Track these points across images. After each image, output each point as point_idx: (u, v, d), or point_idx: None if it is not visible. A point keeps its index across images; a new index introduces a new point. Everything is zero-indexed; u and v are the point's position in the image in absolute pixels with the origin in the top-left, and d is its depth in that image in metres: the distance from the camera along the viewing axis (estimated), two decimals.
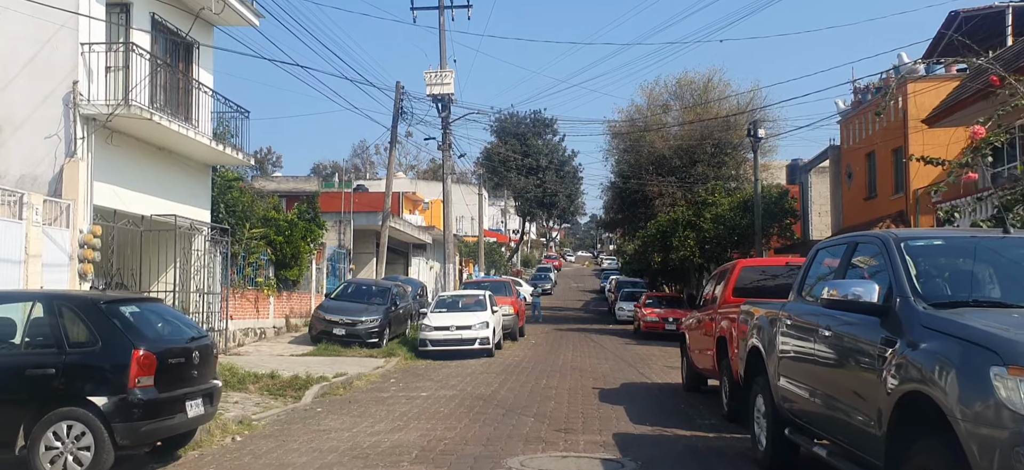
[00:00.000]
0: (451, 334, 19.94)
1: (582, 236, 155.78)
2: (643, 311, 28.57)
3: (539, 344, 24.93)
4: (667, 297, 31.03)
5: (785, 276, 11.15)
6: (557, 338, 27.38)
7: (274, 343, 21.57)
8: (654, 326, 27.70)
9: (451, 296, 23.07)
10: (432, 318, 20.64)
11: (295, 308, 24.29)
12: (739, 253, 29.58)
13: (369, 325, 20.89)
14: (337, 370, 16.05)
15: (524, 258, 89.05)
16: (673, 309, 28.59)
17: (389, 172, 29.55)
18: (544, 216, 46.78)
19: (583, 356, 20.94)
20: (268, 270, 22.49)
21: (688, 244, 28.71)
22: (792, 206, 29.25)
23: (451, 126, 29.63)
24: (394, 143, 29.27)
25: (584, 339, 27.23)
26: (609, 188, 39.94)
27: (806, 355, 6.21)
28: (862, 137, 24.80)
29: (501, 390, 13.65)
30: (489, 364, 18.64)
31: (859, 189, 25.02)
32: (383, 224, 29.51)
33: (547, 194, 45.40)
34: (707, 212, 29.40)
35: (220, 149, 18.00)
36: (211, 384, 8.08)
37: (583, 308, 49.64)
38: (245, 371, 14.09)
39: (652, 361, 20.05)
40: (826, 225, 30.14)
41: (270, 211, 22.89)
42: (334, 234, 30.47)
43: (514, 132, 46.32)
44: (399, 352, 20.06)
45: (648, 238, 31.71)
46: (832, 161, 26.82)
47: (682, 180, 34.73)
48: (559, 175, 46.25)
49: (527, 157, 45.56)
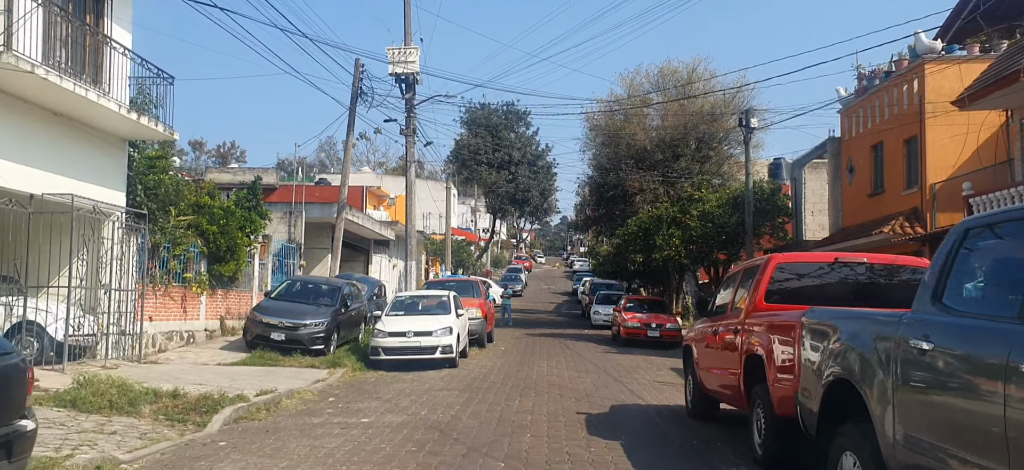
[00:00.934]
0: (408, 341, 17.21)
1: (552, 238, 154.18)
2: (623, 316, 26.07)
3: (509, 352, 22.28)
4: (649, 300, 28.57)
5: (835, 275, 8.61)
6: (529, 345, 24.75)
7: (203, 349, 18.64)
8: (635, 333, 25.23)
9: (410, 297, 20.32)
10: (386, 322, 17.88)
11: (232, 308, 21.36)
12: (727, 254, 27.20)
13: (313, 329, 18.09)
14: (265, 385, 13.24)
15: (494, 259, 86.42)
16: (656, 314, 26.16)
17: (346, 158, 26.70)
18: (516, 213, 44.12)
19: (560, 367, 18.32)
20: (200, 264, 19.55)
21: (673, 243, 26.28)
22: (785, 203, 26.94)
23: (416, 110, 26.87)
24: (352, 127, 26.45)
25: (559, 346, 24.63)
26: (586, 183, 37.39)
27: (980, 410, 3.62)
28: (867, 127, 22.53)
29: (463, 415, 10.96)
30: (451, 377, 15.93)
31: (863, 185, 22.74)
32: (338, 216, 26.66)
33: (519, 189, 42.78)
34: (693, 209, 26.99)
35: (133, 118, 15.08)
36: (11, 428, 5.28)
37: (555, 311, 47.12)
38: (142, 388, 11.23)
39: (638, 374, 17.49)
40: (820, 225, 27.91)
41: (203, 197, 19.94)
42: (283, 227, 27.54)
43: (485, 124, 43.66)
44: (347, 361, 17.28)
45: (629, 236, 29.24)
46: (831, 154, 24.57)
47: (665, 175, 32.31)
48: (532, 170, 43.67)
49: (499, 150, 42.92)
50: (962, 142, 18.73)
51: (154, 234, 17.56)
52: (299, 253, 27.13)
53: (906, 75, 20.13)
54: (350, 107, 26.51)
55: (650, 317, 25.67)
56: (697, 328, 10.98)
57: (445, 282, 25.64)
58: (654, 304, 27.81)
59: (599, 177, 35.28)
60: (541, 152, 44.82)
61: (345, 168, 26.75)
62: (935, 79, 19.03)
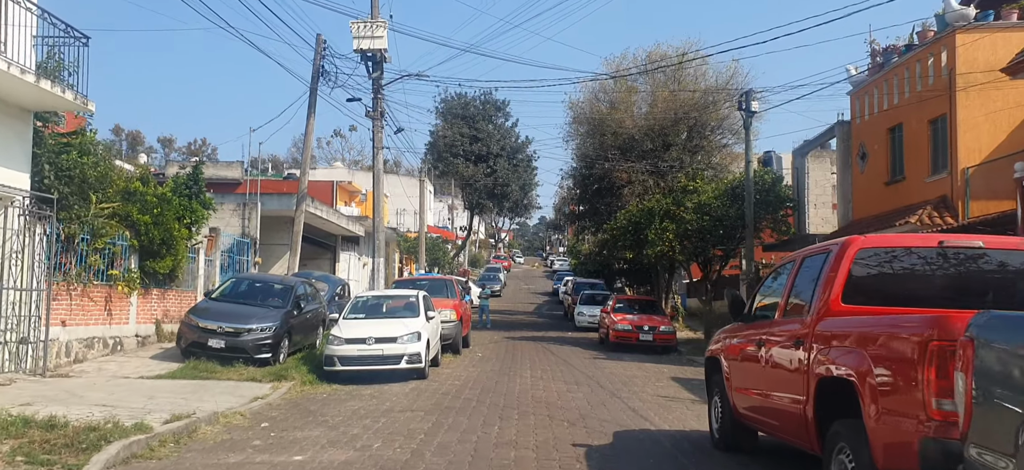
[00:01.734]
0: (368, 349, 14.70)
1: (531, 238, 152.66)
2: (612, 317, 23.72)
3: (488, 359, 19.84)
4: (639, 301, 26.24)
5: (936, 264, 6.24)
6: (510, 350, 22.33)
7: (130, 359, 16.01)
8: (626, 336, 22.89)
9: (373, 297, 17.78)
10: (343, 327, 15.35)
11: (172, 311, 18.72)
12: (724, 249, 24.95)
13: (259, 335, 15.54)
14: (186, 406, 10.72)
15: (472, 258, 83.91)
16: (648, 315, 23.84)
17: (307, 143, 24.10)
18: (495, 209, 41.67)
19: (546, 378, 15.91)
20: (129, 260, 16.90)
21: (666, 238, 23.96)
22: (788, 194, 24.73)
23: (384, 91, 24.33)
24: (313, 108, 23.85)
25: (542, 352, 22.23)
26: (569, 175, 35.01)
27: None
28: (882, 108, 20.37)
29: (428, 450, 8.51)
30: (419, 392, 13.47)
31: (878, 172, 20.57)
32: (298, 207, 24.06)
33: (498, 184, 40.34)
34: (688, 201, 24.70)
35: (35, 83, 12.47)
36: None
37: (536, 312, 44.72)
38: (9, 417, 8.67)
39: (636, 386, 15.13)
40: (824, 218, 25.76)
41: (133, 182, 17.28)
42: (237, 220, 24.89)
43: (462, 114, 41.18)
44: (297, 373, 14.74)
45: (617, 231, 26.88)
46: (840, 140, 22.42)
47: (655, 166, 30.03)
48: (512, 163, 41.27)
49: (476, 142, 40.47)
50: (998, 121, 16.59)
51: (69, 223, 14.92)
52: (254, 249, 24.49)
53: (932, 46, 17.96)
54: (311, 86, 23.96)
55: (642, 319, 23.34)
56: (726, 336, 8.59)
57: (416, 281, 23.17)
58: (645, 305, 25.51)
59: (583, 168, 32.92)
60: (521, 144, 42.43)
61: (305, 154, 24.16)
62: (967, 50, 16.86)
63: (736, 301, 8.17)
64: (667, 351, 22.91)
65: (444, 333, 18.99)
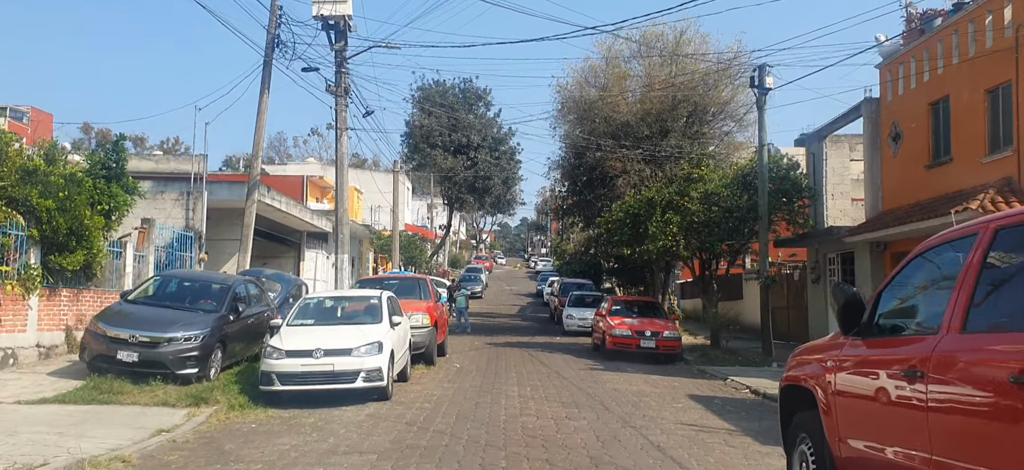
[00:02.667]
0: (315, 364, 11.71)
1: (513, 239, 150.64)
2: (609, 322, 20.86)
3: (467, 370, 16.92)
4: (639, 303, 23.38)
5: None
6: (492, 359, 19.43)
7: (23, 375, 12.90)
8: (625, 343, 20.05)
9: (327, 299, 14.72)
10: (285, 336, 12.34)
11: (87, 315, 15.57)
12: (734, 244, 22.19)
13: (183, 346, 12.53)
14: (47, 451, 7.76)
15: (452, 258, 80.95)
16: (649, 319, 21.02)
17: (259, 124, 20.99)
18: (475, 204, 38.71)
19: (538, 397, 13.01)
20: (27, 253, 13.80)
21: (669, 231, 21.12)
22: (805, 182, 22.00)
23: (349, 64, 21.31)
24: (267, 82, 20.80)
25: (529, 361, 19.35)
26: (557, 165, 32.13)
27: None
28: (922, 81, 17.68)
29: None
30: (377, 420, 10.53)
31: (915, 154, 17.88)
32: (249, 197, 21.00)
33: (479, 177, 37.41)
34: (693, 190, 21.89)
35: None
36: None
37: (520, 315, 41.83)
38: None
39: (650, 409, 12.25)
40: (842, 210, 23.06)
41: (36, 160, 14.18)
42: (180, 210, 21.79)
43: (440, 103, 38.20)
44: (226, 394, 11.75)
45: (614, 224, 23.99)
46: (867, 120, 19.72)
47: (652, 155, 27.24)
48: (494, 155, 38.33)
49: (456, 132, 37.50)
50: None
51: None
52: (199, 244, 21.38)
53: (990, 2, 15.25)
54: (265, 57, 20.94)
55: (642, 323, 20.51)
56: (825, 358, 5.68)
57: (383, 280, 20.19)
58: (645, 307, 22.67)
59: (572, 158, 30.04)
60: (503, 135, 39.50)
61: (257, 136, 21.07)
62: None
63: (852, 304, 5.23)
64: (671, 360, 20.12)
65: (415, 341, 16.08)
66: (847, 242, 19.34)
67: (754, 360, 19.79)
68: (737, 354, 20.63)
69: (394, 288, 18.03)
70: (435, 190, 49.39)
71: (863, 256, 19.62)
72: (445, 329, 20.00)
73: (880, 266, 19.07)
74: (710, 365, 19.10)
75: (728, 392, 14.89)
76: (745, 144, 29.49)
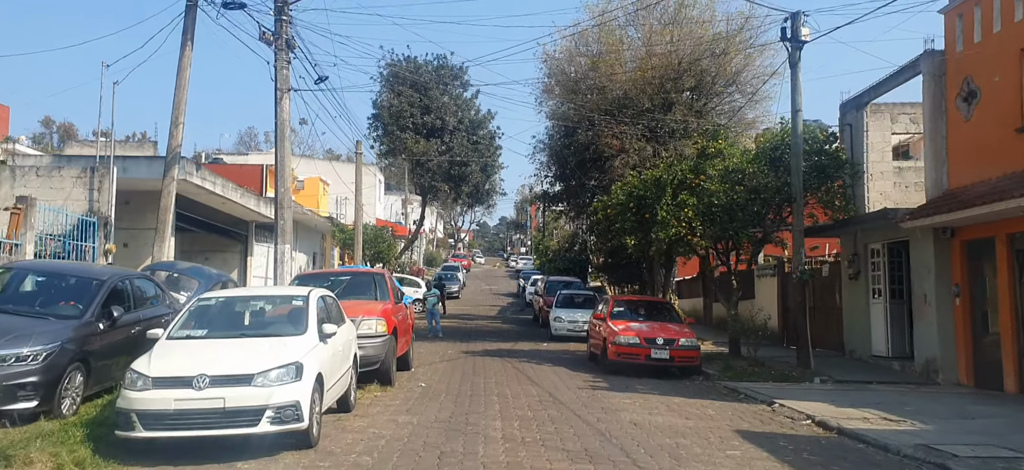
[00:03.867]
0: (196, 398, 7.74)
1: (491, 239, 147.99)
2: (610, 326, 17.02)
3: (433, 393, 13.03)
4: (646, 303, 19.54)
5: None
6: (467, 374, 15.59)
7: None
8: (632, 353, 16.26)
9: (233, 299, 10.60)
10: (158, 356, 8.33)
11: None
12: (763, 231, 18.52)
13: (14, 368, 8.61)
14: None
15: (428, 257, 76.99)
16: (661, 323, 17.29)
17: (181, 81, 16.90)
18: (450, 193, 34.76)
19: (533, 443, 9.09)
20: None
21: (684, 216, 17.33)
22: (846, 158, 18.33)
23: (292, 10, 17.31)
24: (189, 34, 16.80)
25: (515, 376, 15.51)
26: (543, 147, 28.19)
27: None
28: (1009, 20, 14.03)
29: None
30: None
31: (1000, 115, 14.23)
32: (167, 173, 16.96)
33: (455, 163, 33.51)
34: (711, 167, 18.15)
35: None
36: None
37: (500, 316, 37.97)
38: None
39: (696, 460, 8.41)
40: (882, 192, 19.43)
41: None
42: (81, 191, 17.69)
43: (411, 81, 34.24)
44: (66, 443, 7.80)
45: (614, 209, 20.10)
46: (928, 78, 16.07)
47: (653, 131, 23.52)
48: (471, 141, 34.42)
49: (428, 113, 33.56)
50: None
51: None
52: (104, 231, 17.28)
53: None
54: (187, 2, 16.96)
55: (653, 329, 16.70)
56: None
57: (328, 275, 16.22)
58: (654, 308, 18.84)
59: (560, 136, 26.16)
60: (482, 118, 35.59)
61: (178, 95, 17.00)
62: None
63: None
64: (688, 374, 16.36)
65: (365, 355, 12.22)
66: (905, 227, 15.65)
67: (789, 374, 16.07)
68: (766, 366, 16.90)
69: (340, 286, 14.13)
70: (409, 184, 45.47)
71: (923, 245, 15.96)
72: (408, 336, 16.08)
73: (946, 257, 15.44)
74: (738, 381, 15.36)
75: (783, 424, 11.12)
76: (756, 121, 25.88)
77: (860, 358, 18.57)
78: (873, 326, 18.21)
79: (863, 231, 18.05)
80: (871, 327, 18.25)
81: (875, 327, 18.13)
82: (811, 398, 13.13)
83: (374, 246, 33.09)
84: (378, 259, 34.28)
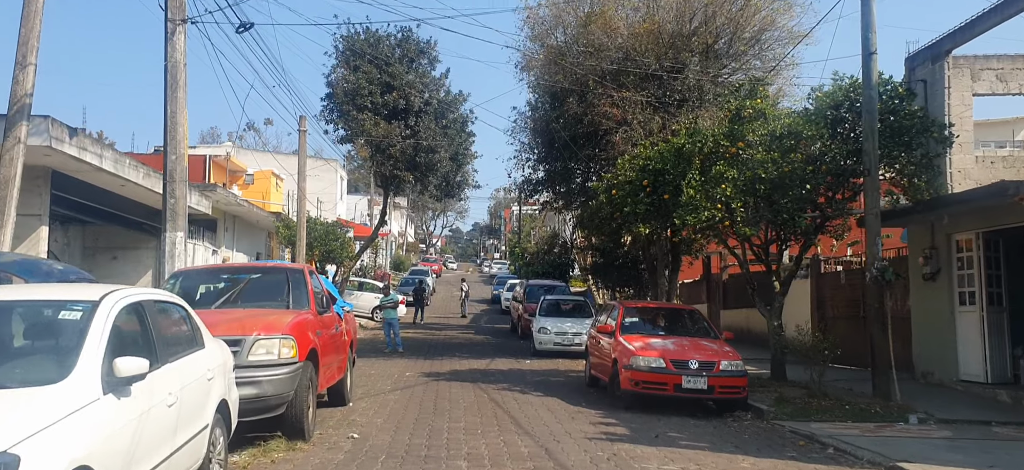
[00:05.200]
0: None
1: (465, 245, 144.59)
2: (624, 344, 12.44)
3: (369, 451, 8.42)
4: (668, 312, 14.84)
5: None
6: (426, 413, 10.98)
7: None
8: (655, 381, 11.70)
9: None
10: None
11: None
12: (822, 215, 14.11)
13: None
14: None
15: (395, 261, 72.09)
16: (691, 339, 12.84)
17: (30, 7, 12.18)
18: (416, 184, 30.03)
19: None
20: None
21: (721, 193, 12.78)
22: (931, 120, 13.92)
23: None
24: None
25: (493, 416, 10.93)
26: (525, 123, 23.47)
27: None
28: None
29: None
30: None
31: None
32: (10, 134, 12.08)
33: (421, 149, 28.81)
34: (750, 131, 13.69)
35: None
36: None
37: (473, 325, 33.48)
38: None
39: None
40: (964, 168, 15.15)
41: None
42: None
43: (370, 56, 29.50)
44: None
45: (622, 189, 15.32)
46: None
47: (661, 101, 19.09)
48: (440, 125, 29.69)
49: (390, 91, 28.84)
50: None
51: None
52: None
53: None
54: None
55: (682, 348, 12.16)
56: None
57: (218, 271, 11.50)
58: (676, 318, 14.19)
59: (547, 108, 21.52)
60: (453, 100, 30.87)
61: (25, 29, 12.17)
62: None
63: None
64: (730, 408, 11.88)
65: (256, 396, 7.72)
66: None
67: (868, 408, 11.67)
68: (828, 396, 12.45)
69: (234, 288, 9.50)
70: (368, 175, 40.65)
71: None
72: (344, 357, 11.41)
73: None
74: (804, 420, 10.95)
75: None
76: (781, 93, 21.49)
77: (940, 382, 14.23)
78: (961, 342, 13.84)
79: (951, 218, 13.67)
80: (958, 343, 13.89)
81: (965, 343, 13.77)
82: (937, 454, 8.74)
83: (324, 244, 28.30)
84: (329, 259, 29.45)
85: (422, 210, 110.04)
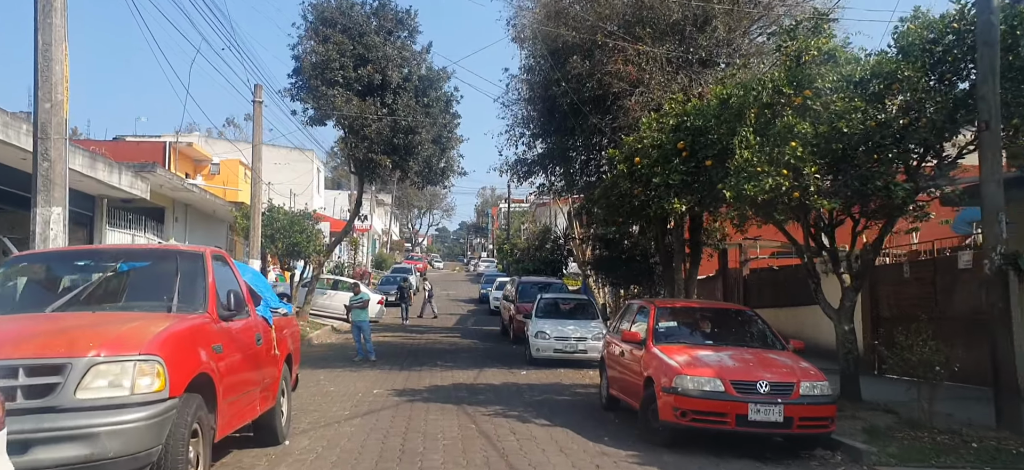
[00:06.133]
0: None
1: (452, 244, 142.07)
2: (663, 359, 9.09)
3: None
4: (714, 313, 11.38)
5: None
6: (391, 455, 7.59)
7: None
8: (712, 412, 8.34)
9: None
10: None
11: None
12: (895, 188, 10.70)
13: None
14: None
15: (378, 259, 68.65)
16: (755, 352, 9.42)
17: None
18: (395, 169, 26.61)
19: None
20: None
21: (789, 153, 9.47)
22: None
23: None
24: None
25: (485, 466, 7.56)
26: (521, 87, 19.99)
27: None
28: None
29: None
30: None
31: None
32: None
33: (399, 131, 25.46)
34: (820, 77, 10.38)
35: None
36: None
37: (459, 328, 30.13)
38: None
39: None
40: None
41: None
42: None
43: (342, 25, 26.17)
44: None
45: (649, 154, 11.86)
46: None
47: (684, 57, 15.81)
48: (421, 102, 26.30)
49: (364, 65, 25.50)
50: None
51: None
52: None
53: None
54: None
55: (746, 364, 8.85)
56: None
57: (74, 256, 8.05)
58: (726, 322, 10.78)
59: (546, 70, 18.07)
60: (436, 76, 27.48)
61: None
62: None
63: None
64: (810, 445, 8.61)
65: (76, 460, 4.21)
66: None
67: (1001, 445, 8.45)
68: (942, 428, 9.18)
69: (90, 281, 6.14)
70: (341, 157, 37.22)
71: None
72: (274, 375, 8.04)
73: None
74: (919, 465, 7.74)
75: None
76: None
77: None
78: None
79: None
80: None
81: None
82: None
83: (288, 236, 24.83)
84: (294, 252, 25.97)
85: (408, 208, 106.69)
